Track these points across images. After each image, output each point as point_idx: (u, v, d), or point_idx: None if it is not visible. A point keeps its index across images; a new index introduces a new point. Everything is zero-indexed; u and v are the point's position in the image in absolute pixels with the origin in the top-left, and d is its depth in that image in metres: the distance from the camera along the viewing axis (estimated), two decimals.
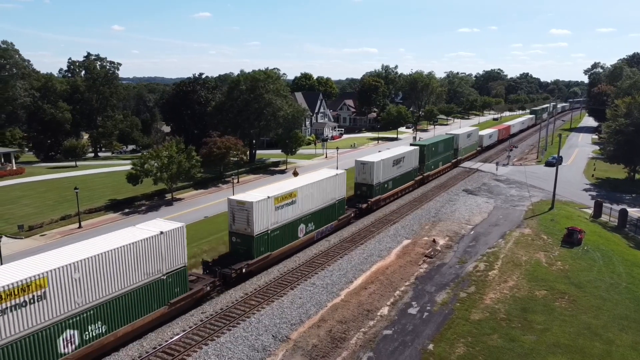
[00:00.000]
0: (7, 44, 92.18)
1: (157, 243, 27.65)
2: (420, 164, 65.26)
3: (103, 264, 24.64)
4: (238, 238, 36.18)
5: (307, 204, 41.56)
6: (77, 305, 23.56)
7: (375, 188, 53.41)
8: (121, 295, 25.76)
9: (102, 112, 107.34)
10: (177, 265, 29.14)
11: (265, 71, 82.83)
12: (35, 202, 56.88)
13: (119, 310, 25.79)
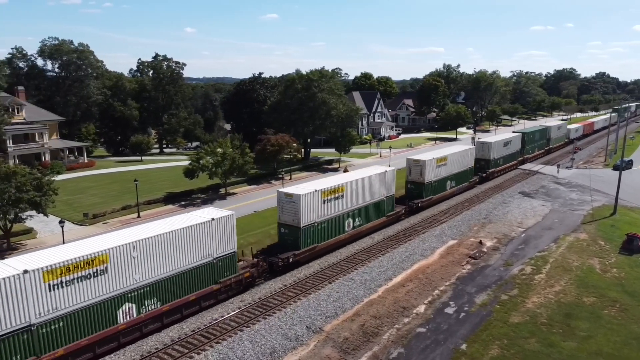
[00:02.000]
0: (83, 46, 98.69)
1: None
2: (521, 148, 78.75)
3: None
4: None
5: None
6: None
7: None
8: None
9: (167, 110, 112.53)
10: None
11: (321, 70, 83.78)
12: (101, 193, 60.86)
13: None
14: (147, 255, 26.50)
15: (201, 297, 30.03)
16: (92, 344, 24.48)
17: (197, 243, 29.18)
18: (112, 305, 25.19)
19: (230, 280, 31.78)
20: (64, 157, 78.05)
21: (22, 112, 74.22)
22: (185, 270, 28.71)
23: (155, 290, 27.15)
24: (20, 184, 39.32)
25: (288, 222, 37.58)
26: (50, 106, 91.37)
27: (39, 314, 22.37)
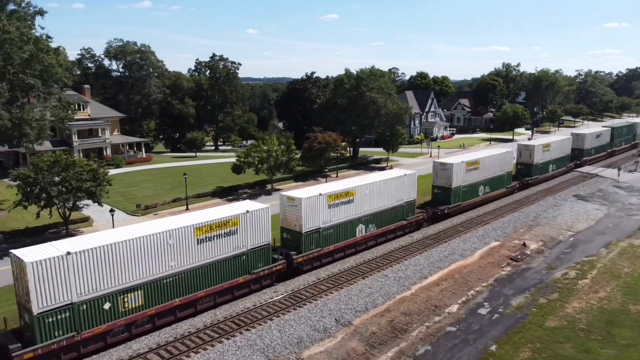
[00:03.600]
0: (145, 47, 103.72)
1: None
2: (610, 142, 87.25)
3: None
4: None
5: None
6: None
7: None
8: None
9: (223, 108, 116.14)
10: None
11: (371, 69, 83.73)
12: (155, 186, 63.88)
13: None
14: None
15: None
16: None
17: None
18: None
19: (262, 272, 32.69)
20: (123, 151, 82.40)
21: (87, 109, 79.02)
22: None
23: None
24: (78, 174, 42.13)
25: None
26: (115, 104, 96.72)
27: None
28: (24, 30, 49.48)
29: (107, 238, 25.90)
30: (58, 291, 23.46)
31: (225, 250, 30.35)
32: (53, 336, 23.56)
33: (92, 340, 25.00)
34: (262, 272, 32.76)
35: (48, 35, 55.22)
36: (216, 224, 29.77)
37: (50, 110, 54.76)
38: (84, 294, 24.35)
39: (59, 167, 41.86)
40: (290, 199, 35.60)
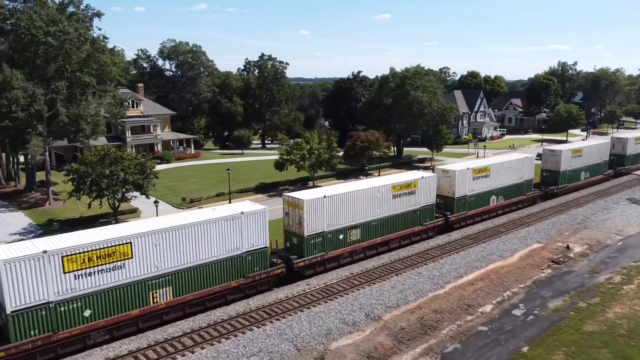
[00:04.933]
0: (197, 47, 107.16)
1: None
2: None
3: None
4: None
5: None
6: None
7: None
8: None
9: (270, 107, 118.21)
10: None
11: (416, 68, 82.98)
12: (201, 181, 66.07)
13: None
14: None
15: None
16: None
17: None
18: None
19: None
20: (174, 147, 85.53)
21: (140, 107, 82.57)
22: None
23: None
24: (126, 168, 44.33)
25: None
26: (167, 102, 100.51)
27: None
28: (82, 31, 52.51)
29: (344, 188, 37.18)
30: (317, 223, 34.10)
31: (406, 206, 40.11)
32: (313, 252, 34.39)
33: (334, 260, 35.74)
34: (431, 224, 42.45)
35: (104, 35, 58.40)
36: (404, 184, 39.74)
37: (105, 107, 57.77)
38: (331, 226, 34.89)
39: (108, 160, 44.17)
40: (445, 172, 45.43)
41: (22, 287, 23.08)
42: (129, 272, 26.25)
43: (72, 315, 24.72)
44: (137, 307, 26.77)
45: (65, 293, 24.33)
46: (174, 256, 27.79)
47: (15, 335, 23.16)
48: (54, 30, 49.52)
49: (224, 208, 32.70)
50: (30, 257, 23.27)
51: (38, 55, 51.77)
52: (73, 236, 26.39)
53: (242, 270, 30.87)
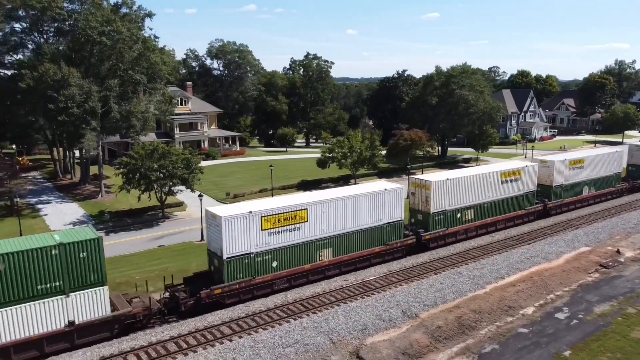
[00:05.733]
0: (243, 46, 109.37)
1: None
2: None
3: None
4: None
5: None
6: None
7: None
8: None
9: (315, 105, 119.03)
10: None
11: (462, 66, 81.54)
12: (245, 177, 67.44)
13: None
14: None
15: None
16: None
17: None
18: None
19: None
20: (220, 144, 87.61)
21: (189, 104, 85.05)
22: None
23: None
24: (174, 162, 45.90)
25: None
26: (214, 100, 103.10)
27: None
28: (134, 31, 54.68)
29: (462, 173, 42.45)
30: (440, 202, 39.08)
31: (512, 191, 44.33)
32: (436, 228, 39.56)
33: (452, 235, 40.55)
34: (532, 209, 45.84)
35: (155, 35, 60.65)
36: (510, 172, 43.84)
37: (154, 104, 59.95)
38: (451, 206, 40.01)
39: (157, 155, 45.86)
40: (543, 162, 48.51)
41: (234, 239, 29.27)
42: (304, 233, 32.11)
43: (265, 265, 30.84)
44: (309, 262, 32.77)
45: (261, 246, 30.48)
46: (335, 222, 33.43)
47: (228, 277, 29.47)
48: (108, 30, 51.80)
49: (369, 185, 38.79)
50: (241, 215, 29.38)
51: (93, 55, 54.35)
52: (266, 201, 34.57)
53: (383, 238, 36.24)
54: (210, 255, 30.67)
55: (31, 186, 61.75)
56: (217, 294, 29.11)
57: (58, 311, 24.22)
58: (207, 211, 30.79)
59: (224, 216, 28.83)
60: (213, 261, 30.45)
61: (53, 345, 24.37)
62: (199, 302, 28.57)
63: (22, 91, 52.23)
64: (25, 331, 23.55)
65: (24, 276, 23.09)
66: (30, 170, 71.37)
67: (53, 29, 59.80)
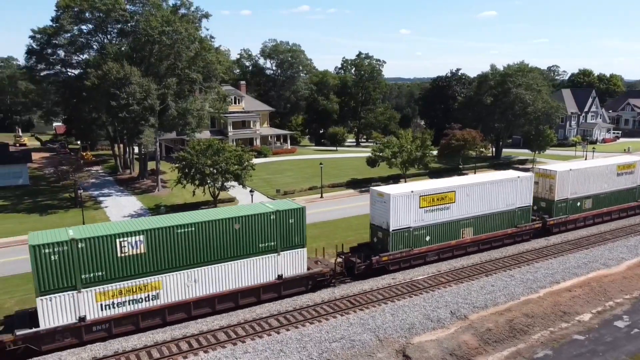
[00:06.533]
0: (296, 46, 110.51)
1: None
2: None
3: None
4: None
5: None
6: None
7: None
8: None
9: (366, 105, 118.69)
10: None
11: (519, 65, 78.95)
12: (295, 175, 68.18)
13: None
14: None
15: None
16: None
17: None
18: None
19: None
20: (271, 142, 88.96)
21: (242, 103, 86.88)
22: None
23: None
24: (227, 158, 47.10)
25: None
26: (267, 99, 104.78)
27: None
28: (192, 31, 56.48)
29: (582, 165, 45.62)
30: (564, 191, 42.21)
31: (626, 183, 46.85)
32: (559, 214, 42.91)
33: (572, 223, 43.53)
34: None
35: (211, 35, 62.39)
36: (625, 165, 46.19)
37: (209, 102, 61.71)
38: (572, 195, 42.89)
39: (211, 151, 47.20)
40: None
41: (398, 215, 33.71)
42: (451, 213, 36.15)
43: (420, 239, 35.10)
44: (454, 239, 36.78)
45: (419, 222, 34.77)
46: (476, 205, 37.29)
47: (392, 247, 33.96)
48: (168, 30, 53.76)
49: (502, 173, 43.21)
50: (405, 194, 33.99)
51: (153, 54, 56.57)
52: (422, 183, 39.77)
53: (514, 221, 39.63)
54: (374, 228, 35.14)
55: (93, 180, 64.98)
56: (384, 261, 33.82)
57: (271, 266, 29.70)
58: (373, 190, 35.69)
59: (393, 194, 33.54)
60: (377, 233, 34.94)
61: (266, 294, 29.85)
62: (370, 266, 33.30)
63: (87, 89, 55.09)
64: (249, 281, 29.11)
65: (252, 236, 28.76)
66: (93, 164, 75.07)
67: (116, 30, 62.69)
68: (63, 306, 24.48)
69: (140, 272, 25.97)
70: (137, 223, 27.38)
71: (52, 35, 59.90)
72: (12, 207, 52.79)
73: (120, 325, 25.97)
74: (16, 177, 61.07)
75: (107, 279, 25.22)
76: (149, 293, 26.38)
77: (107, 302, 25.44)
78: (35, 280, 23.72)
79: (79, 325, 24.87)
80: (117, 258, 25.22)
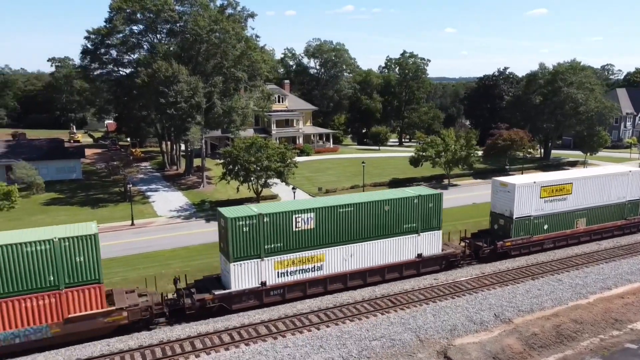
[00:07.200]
0: (340, 46, 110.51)
1: None
2: None
3: None
4: None
5: None
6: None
7: None
8: None
9: (409, 104, 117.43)
10: None
11: (571, 63, 76.13)
12: (337, 173, 68.30)
13: None
14: None
15: None
16: None
17: None
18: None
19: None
20: (314, 141, 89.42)
21: (285, 102, 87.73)
22: None
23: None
24: (270, 156, 47.69)
25: None
26: (310, 98, 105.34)
27: None
28: (238, 30, 57.50)
29: None
30: None
31: None
32: None
33: None
34: None
35: (257, 35, 63.29)
36: None
37: (254, 101, 62.65)
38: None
39: (254, 148, 47.91)
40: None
41: (521, 203, 35.86)
42: (567, 204, 37.92)
43: (539, 227, 37.04)
44: (568, 228, 38.49)
45: (538, 211, 36.66)
46: (589, 196, 38.88)
47: (514, 234, 35.96)
48: (216, 28, 54.93)
49: (612, 167, 44.72)
50: (527, 184, 36.08)
51: (200, 53, 57.95)
52: (540, 175, 41.89)
53: (624, 214, 41.13)
54: (495, 216, 37.49)
55: (142, 175, 67.17)
56: (507, 246, 36.10)
57: (412, 245, 32.58)
58: (495, 180, 37.90)
59: (517, 184, 35.77)
60: (498, 221, 37.25)
61: (407, 271, 32.75)
62: (494, 250, 35.77)
63: (138, 87, 57.03)
64: (394, 257, 32.08)
65: (398, 217, 31.65)
66: (142, 161, 77.63)
67: (165, 29, 64.56)
68: (249, 272, 28.35)
69: (309, 245, 29.53)
70: (308, 202, 33.30)
71: (106, 36, 62.34)
72: (66, 199, 55.30)
73: (292, 291, 29.53)
74: (70, 172, 64.04)
75: (284, 250, 28.90)
76: (315, 264, 29.92)
77: (283, 270, 29.11)
78: (230, 248, 27.43)
79: (261, 289, 28.67)
80: (293, 232, 28.92)
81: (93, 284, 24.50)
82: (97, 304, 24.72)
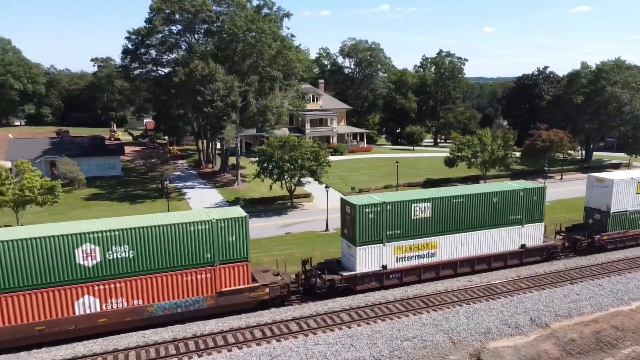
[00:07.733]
0: (375, 45, 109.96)
1: None
2: None
3: None
4: None
5: None
6: None
7: None
8: None
9: (445, 104, 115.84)
10: None
11: (615, 61, 73.48)
12: (371, 173, 68.00)
13: None
14: None
15: None
16: None
17: None
18: None
19: None
20: (347, 141, 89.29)
21: (320, 101, 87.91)
22: None
23: None
24: (303, 154, 47.90)
25: None
26: (344, 97, 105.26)
27: None
28: (274, 29, 57.97)
29: None
30: None
31: None
32: None
33: None
34: None
35: (292, 34, 63.69)
36: None
37: (288, 100, 63.05)
38: None
39: (288, 146, 48.21)
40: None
41: (618, 199, 37.02)
42: None
43: (634, 222, 37.95)
44: (635, 229, 38.60)
45: (634, 206, 37.80)
46: None
47: (610, 228, 37.24)
48: (253, 28, 55.56)
49: None
50: (625, 180, 37.16)
51: (236, 53, 58.74)
52: (636, 171, 43.92)
53: None
54: (590, 210, 38.52)
55: (178, 172, 68.58)
56: (605, 240, 37.12)
57: (516, 236, 33.98)
58: (591, 175, 39.14)
59: (615, 179, 36.86)
60: (593, 215, 38.30)
61: (511, 260, 34.18)
62: (591, 244, 36.86)
63: (175, 86, 58.22)
64: (499, 247, 33.68)
65: (505, 208, 33.17)
66: (179, 158, 79.24)
67: (203, 30, 65.68)
68: (373, 256, 30.43)
69: (425, 233, 31.43)
70: (425, 192, 35.23)
71: (146, 36, 63.90)
72: (106, 195, 57.03)
73: (408, 275, 31.50)
74: (110, 168, 66.01)
75: (403, 237, 30.91)
76: (429, 251, 31.78)
77: (401, 255, 31.14)
78: (357, 233, 29.57)
79: (382, 272, 30.73)
80: (411, 220, 30.96)
81: (242, 262, 27.23)
82: (244, 280, 27.45)
